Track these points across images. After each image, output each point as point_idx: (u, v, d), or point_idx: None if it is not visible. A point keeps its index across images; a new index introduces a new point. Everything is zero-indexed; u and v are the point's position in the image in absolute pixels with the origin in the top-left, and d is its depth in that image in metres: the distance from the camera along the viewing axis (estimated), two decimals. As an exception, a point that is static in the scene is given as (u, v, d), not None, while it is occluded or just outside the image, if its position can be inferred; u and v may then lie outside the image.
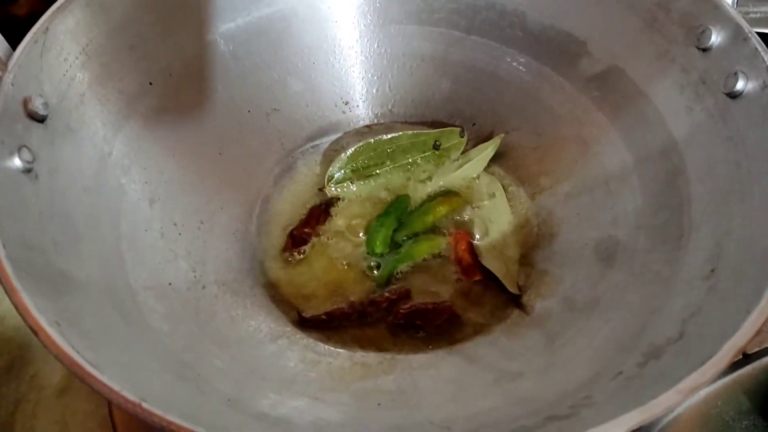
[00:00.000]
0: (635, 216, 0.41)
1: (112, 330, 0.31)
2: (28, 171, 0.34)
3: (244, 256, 0.45)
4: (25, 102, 0.35)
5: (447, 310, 0.42)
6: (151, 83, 0.44)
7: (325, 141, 0.52)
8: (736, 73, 0.36)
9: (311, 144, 0.52)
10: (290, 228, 0.47)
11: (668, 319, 0.33)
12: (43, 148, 0.35)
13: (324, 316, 0.42)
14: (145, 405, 0.24)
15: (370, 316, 0.42)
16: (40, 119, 0.36)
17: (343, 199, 0.49)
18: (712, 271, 0.33)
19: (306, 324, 0.42)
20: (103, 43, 0.41)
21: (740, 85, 0.36)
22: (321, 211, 0.48)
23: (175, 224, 0.42)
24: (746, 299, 0.29)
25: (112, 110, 0.41)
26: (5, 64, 0.36)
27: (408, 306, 0.42)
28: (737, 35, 0.37)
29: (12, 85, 0.34)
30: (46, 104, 0.36)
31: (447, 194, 0.48)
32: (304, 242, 0.47)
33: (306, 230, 0.47)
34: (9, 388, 0.49)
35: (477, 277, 0.44)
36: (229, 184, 0.47)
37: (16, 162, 0.33)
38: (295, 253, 0.46)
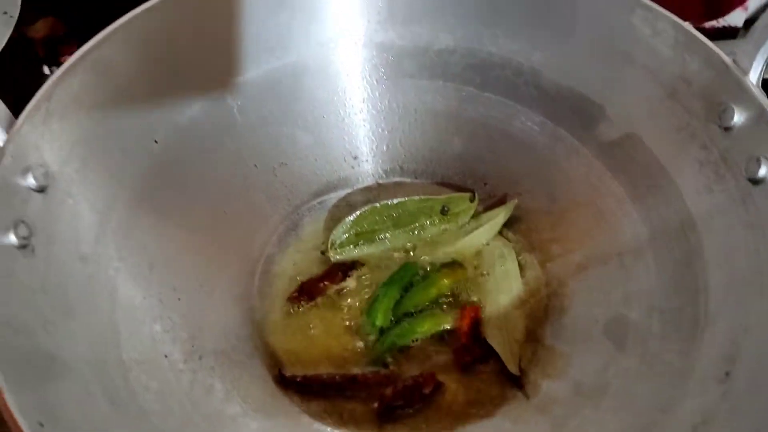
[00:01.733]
0: (649, 296, 0.39)
1: (97, 418, 0.31)
2: (23, 247, 0.33)
3: (244, 321, 0.44)
4: (25, 173, 0.34)
5: (430, 380, 0.41)
6: (156, 141, 0.43)
7: (333, 197, 0.51)
8: (758, 159, 0.35)
9: (318, 200, 0.51)
10: (293, 290, 0.46)
11: (679, 423, 0.31)
12: (40, 220, 0.35)
13: (300, 379, 0.41)
14: None
15: (350, 391, 0.41)
16: (40, 189, 0.35)
17: (364, 265, 0.48)
18: (727, 374, 0.32)
19: (284, 382, 0.41)
20: (108, 104, 0.40)
21: (763, 171, 0.34)
22: (341, 270, 0.47)
23: (174, 289, 0.42)
24: (761, 416, 0.27)
25: (115, 172, 0.41)
26: (6, 133, 0.35)
27: (391, 391, 0.40)
28: (761, 118, 0.35)
29: (11, 157, 0.34)
30: (46, 174, 0.36)
31: (451, 265, 0.47)
32: (311, 297, 0.46)
33: (319, 285, 0.46)
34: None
35: (466, 360, 0.42)
36: (231, 244, 0.46)
37: (11, 239, 0.32)
38: (299, 305, 0.45)
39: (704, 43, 0.39)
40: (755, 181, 0.35)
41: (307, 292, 0.46)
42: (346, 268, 0.47)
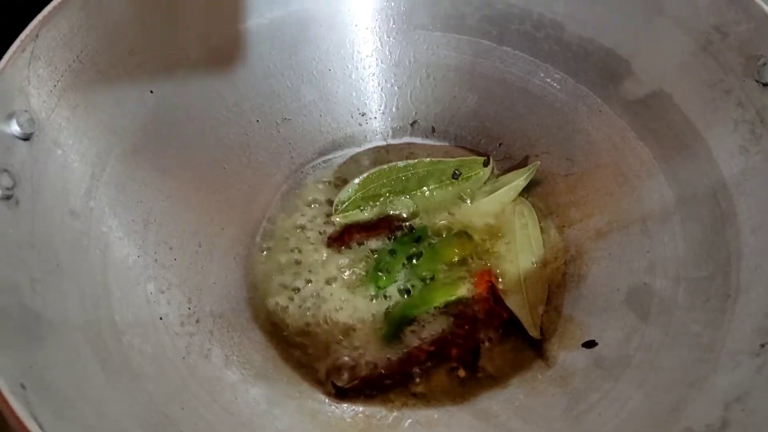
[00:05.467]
0: (675, 264, 0.37)
1: (87, 382, 0.29)
2: (7, 198, 0.31)
3: (244, 284, 0.42)
4: (8, 119, 0.32)
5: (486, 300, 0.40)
6: (151, 91, 0.41)
7: (339, 156, 0.49)
8: (801, 117, 0.32)
9: (323, 158, 0.48)
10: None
11: (709, 399, 0.29)
12: (26, 169, 0.32)
13: (358, 383, 0.38)
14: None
15: (413, 374, 0.39)
16: (25, 137, 0.33)
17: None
18: (762, 346, 0.29)
19: (343, 395, 0.38)
20: (100, 48, 0.37)
21: (806, 130, 0.32)
22: (390, 226, 0.45)
23: (171, 248, 0.39)
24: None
25: (108, 123, 0.38)
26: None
27: (459, 342, 0.39)
28: (806, 72, 0.32)
29: (-7, 101, 0.31)
30: (32, 120, 0.33)
31: (459, 236, 0.44)
32: (342, 243, 0.44)
33: (359, 234, 0.44)
34: None
35: (502, 319, 0.40)
36: (232, 203, 0.44)
37: (-6, 189, 0.30)
38: (336, 246, 0.44)
39: (742, -9, 0.36)
40: (797, 141, 0.32)
41: (344, 239, 0.44)
42: (395, 226, 0.45)
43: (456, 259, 0.43)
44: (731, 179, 0.36)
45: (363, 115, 0.49)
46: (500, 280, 0.42)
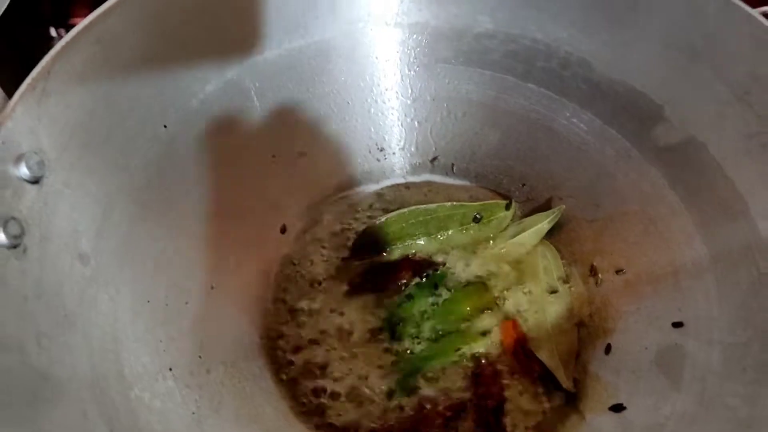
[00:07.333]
0: (708, 326, 0.35)
1: (94, 450, 0.27)
2: (14, 247, 0.29)
3: (257, 329, 0.40)
4: (17, 162, 0.30)
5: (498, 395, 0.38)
6: (165, 126, 0.39)
7: (357, 192, 0.47)
8: None
9: (341, 195, 0.47)
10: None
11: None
12: (34, 214, 0.31)
13: None
14: None
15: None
16: (34, 181, 0.31)
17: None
18: (809, 429, 0.28)
19: None
20: (113, 83, 0.36)
21: None
22: (409, 271, 0.43)
23: (182, 290, 0.38)
24: None
25: (120, 160, 0.36)
26: (-3, 116, 0.31)
27: (480, 404, 0.37)
28: None
29: (2, 143, 0.30)
30: (42, 163, 0.31)
31: (476, 287, 0.42)
32: (363, 288, 0.43)
33: (380, 279, 0.43)
34: None
35: (535, 373, 0.39)
36: (247, 242, 0.42)
37: (1, 239, 0.29)
38: (356, 292, 0.42)
39: (783, 40, 0.34)
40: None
41: (370, 282, 0.43)
42: (415, 270, 0.43)
43: (470, 312, 0.41)
44: (770, 240, 0.34)
45: (381, 151, 0.48)
46: (527, 330, 0.40)
